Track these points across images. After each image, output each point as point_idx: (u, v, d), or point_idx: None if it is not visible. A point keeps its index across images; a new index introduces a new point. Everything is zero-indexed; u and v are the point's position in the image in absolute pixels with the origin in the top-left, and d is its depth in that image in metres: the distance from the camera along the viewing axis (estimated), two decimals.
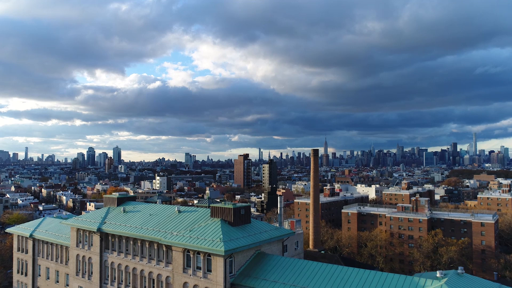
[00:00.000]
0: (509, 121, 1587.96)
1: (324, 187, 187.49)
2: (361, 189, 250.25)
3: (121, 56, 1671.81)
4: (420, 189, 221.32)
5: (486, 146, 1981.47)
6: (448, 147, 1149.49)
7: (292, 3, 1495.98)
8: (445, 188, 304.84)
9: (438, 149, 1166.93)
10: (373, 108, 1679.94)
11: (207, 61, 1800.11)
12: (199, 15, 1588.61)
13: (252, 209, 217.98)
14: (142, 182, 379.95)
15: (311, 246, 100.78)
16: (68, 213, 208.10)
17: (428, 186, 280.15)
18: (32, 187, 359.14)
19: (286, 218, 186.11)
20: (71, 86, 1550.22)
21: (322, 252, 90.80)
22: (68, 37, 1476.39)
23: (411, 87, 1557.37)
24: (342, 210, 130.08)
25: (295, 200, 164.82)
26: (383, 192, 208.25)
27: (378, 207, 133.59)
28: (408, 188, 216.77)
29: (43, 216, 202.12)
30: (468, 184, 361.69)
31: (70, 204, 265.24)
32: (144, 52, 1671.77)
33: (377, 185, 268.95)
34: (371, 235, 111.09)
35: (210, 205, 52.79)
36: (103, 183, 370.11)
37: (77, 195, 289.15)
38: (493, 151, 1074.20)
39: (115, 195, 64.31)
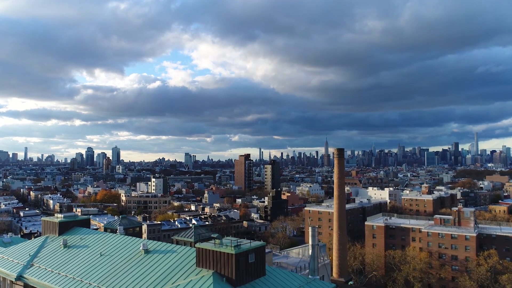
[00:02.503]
0: (510, 120, 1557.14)
1: None
2: (373, 193, 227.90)
3: (120, 56, 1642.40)
4: (442, 193, 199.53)
5: (487, 145, 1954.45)
6: (450, 146, 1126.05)
7: (291, 2, 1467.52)
8: (461, 191, 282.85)
9: (439, 148, 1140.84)
10: (373, 107, 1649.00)
11: (206, 60, 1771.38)
12: (198, 13, 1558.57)
13: (255, 215, 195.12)
14: (138, 184, 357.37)
15: (335, 275, 78.78)
16: None
17: (441, 188, 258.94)
18: (21, 190, 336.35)
19: (295, 226, 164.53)
20: (70, 86, 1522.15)
21: (351, 283, 69.30)
22: (67, 36, 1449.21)
23: (411, 86, 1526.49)
24: (366, 223, 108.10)
25: (305, 208, 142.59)
26: (402, 197, 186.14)
27: (408, 218, 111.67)
28: (429, 192, 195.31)
29: (21, 223, 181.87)
30: (482, 185, 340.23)
31: (58, 208, 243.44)
32: (143, 51, 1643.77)
33: (390, 188, 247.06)
34: (406, 256, 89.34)
35: (196, 245, 30.59)
36: (96, 185, 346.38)
37: (65, 199, 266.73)
38: (495, 151, 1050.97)
39: (57, 218, 42.74)
